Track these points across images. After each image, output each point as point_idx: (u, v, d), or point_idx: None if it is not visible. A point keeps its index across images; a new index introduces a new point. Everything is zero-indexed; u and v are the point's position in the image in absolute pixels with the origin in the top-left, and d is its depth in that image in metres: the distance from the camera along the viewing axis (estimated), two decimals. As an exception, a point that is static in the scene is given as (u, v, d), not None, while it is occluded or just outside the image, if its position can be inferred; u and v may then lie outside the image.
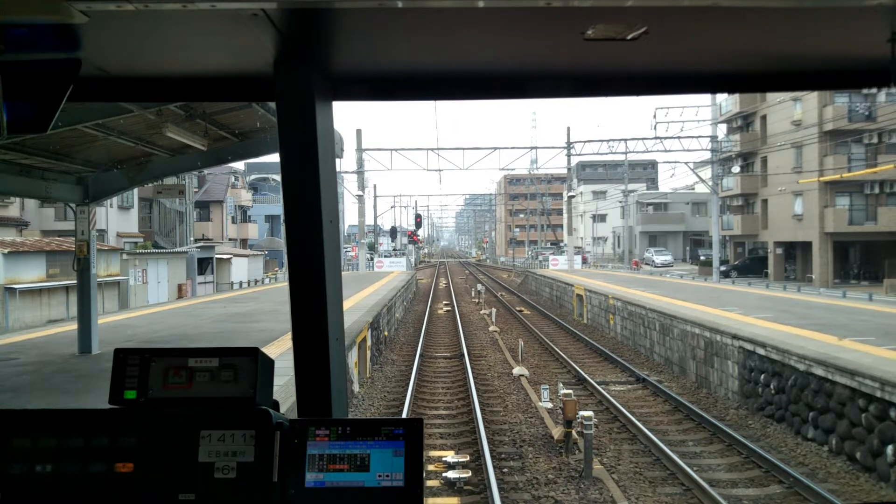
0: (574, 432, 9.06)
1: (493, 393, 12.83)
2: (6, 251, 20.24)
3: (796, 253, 41.24)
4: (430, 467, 8.53)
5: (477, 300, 31.21)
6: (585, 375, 14.03)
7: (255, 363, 1.57)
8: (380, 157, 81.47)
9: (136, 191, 33.24)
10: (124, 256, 26.40)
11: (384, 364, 15.81)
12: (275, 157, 21.71)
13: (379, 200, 62.97)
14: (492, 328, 21.54)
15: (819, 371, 9.39)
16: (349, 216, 76.89)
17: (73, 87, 1.55)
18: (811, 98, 35.77)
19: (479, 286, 35.07)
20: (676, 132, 38.58)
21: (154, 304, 24.87)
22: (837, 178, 34.85)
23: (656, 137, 36.15)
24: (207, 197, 47.09)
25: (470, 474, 8.11)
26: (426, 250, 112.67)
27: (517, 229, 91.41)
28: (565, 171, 42.69)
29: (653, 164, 75.08)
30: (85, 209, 10.96)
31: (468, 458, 8.64)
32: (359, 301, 19.68)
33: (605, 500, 7.59)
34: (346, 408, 2.06)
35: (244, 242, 51.60)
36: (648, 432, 9.76)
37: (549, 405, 11.25)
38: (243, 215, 52.98)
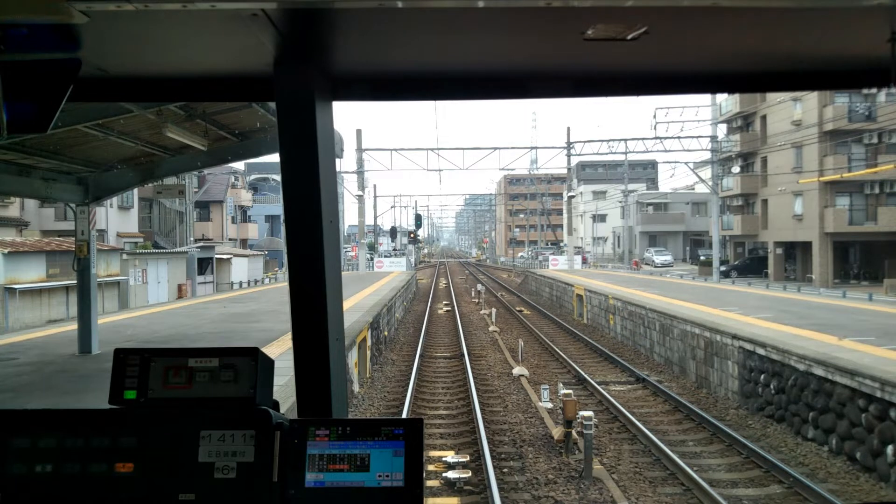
0: (574, 432, 9.06)
1: (493, 393, 12.83)
2: (6, 251, 20.23)
3: (796, 253, 41.24)
4: (430, 467, 8.53)
5: (477, 300, 31.20)
6: (585, 375, 14.03)
7: (255, 363, 1.57)
8: (380, 157, 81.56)
9: (136, 191, 33.24)
10: (124, 256, 26.40)
11: (384, 364, 15.81)
12: (275, 157, 21.71)
13: (379, 200, 63.10)
14: (492, 328, 21.54)
15: (819, 371, 9.39)
16: (349, 216, 76.91)
17: (73, 87, 1.55)
18: (811, 98, 35.78)
19: (479, 286, 35.06)
20: (676, 132, 38.64)
21: (154, 304, 24.87)
22: (837, 178, 34.86)
23: (656, 137, 36.18)
24: (207, 197, 47.08)
25: (470, 474, 8.11)
26: (426, 250, 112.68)
27: (517, 229, 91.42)
28: (565, 171, 42.71)
29: (653, 164, 75.04)
30: (85, 209, 10.96)
31: (468, 458, 8.64)
32: (359, 301, 19.68)
33: (605, 500, 7.59)
34: (346, 408, 2.06)
35: (244, 242, 51.59)
36: (648, 432, 9.76)
37: (549, 405, 11.26)
38: (243, 215, 52.97)
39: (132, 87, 1.99)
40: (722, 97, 40.23)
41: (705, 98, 38.69)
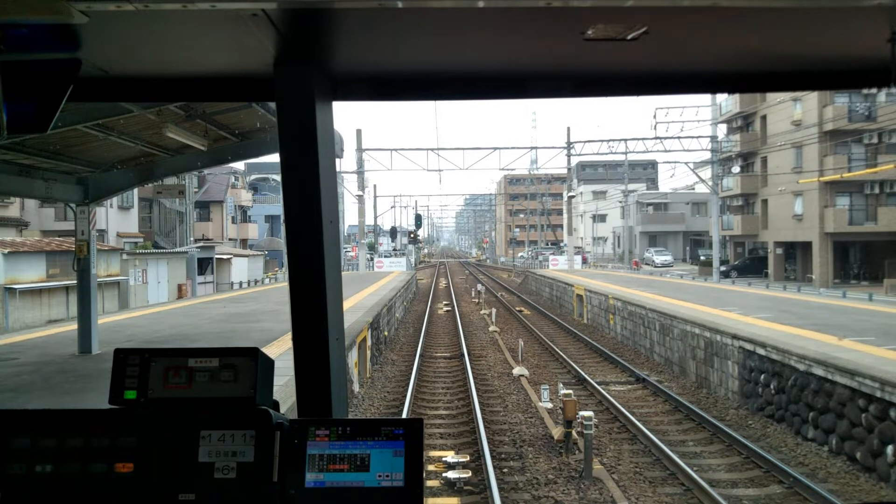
0: (574, 432, 9.06)
1: (493, 393, 12.83)
2: (6, 251, 20.24)
3: (796, 253, 41.24)
4: (430, 467, 8.53)
5: (477, 300, 31.20)
6: (585, 375, 14.03)
7: (255, 363, 1.57)
8: (380, 157, 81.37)
9: (136, 191, 33.23)
10: (124, 256, 26.39)
11: (384, 364, 15.81)
12: (275, 157, 21.71)
13: (379, 200, 63.07)
14: (492, 328, 21.54)
15: (819, 371, 9.39)
16: (349, 216, 76.89)
17: (73, 87, 1.56)
18: (811, 98, 35.77)
19: (479, 286, 35.06)
20: (676, 132, 38.58)
21: (154, 304, 24.87)
22: (837, 178, 34.84)
23: (656, 137, 36.16)
24: (207, 197, 47.07)
25: (470, 474, 8.11)
26: (426, 250, 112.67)
27: (517, 229, 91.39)
28: (565, 171, 42.69)
29: (653, 164, 75.03)
30: (85, 209, 10.96)
31: (468, 459, 8.64)
32: (359, 301, 19.68)
33: (605, 500, 7.59)
34: (346, 408, 2.06)
35: (244, 242, 51.58)
36: (648, 432, 9.76)
37: (549, 405, 11.25)
38: (243, 215, 52.96)
39: (132, 87, 1.99)
40: (722, 97, 40.27)
41: (705, 98, 38.71)
